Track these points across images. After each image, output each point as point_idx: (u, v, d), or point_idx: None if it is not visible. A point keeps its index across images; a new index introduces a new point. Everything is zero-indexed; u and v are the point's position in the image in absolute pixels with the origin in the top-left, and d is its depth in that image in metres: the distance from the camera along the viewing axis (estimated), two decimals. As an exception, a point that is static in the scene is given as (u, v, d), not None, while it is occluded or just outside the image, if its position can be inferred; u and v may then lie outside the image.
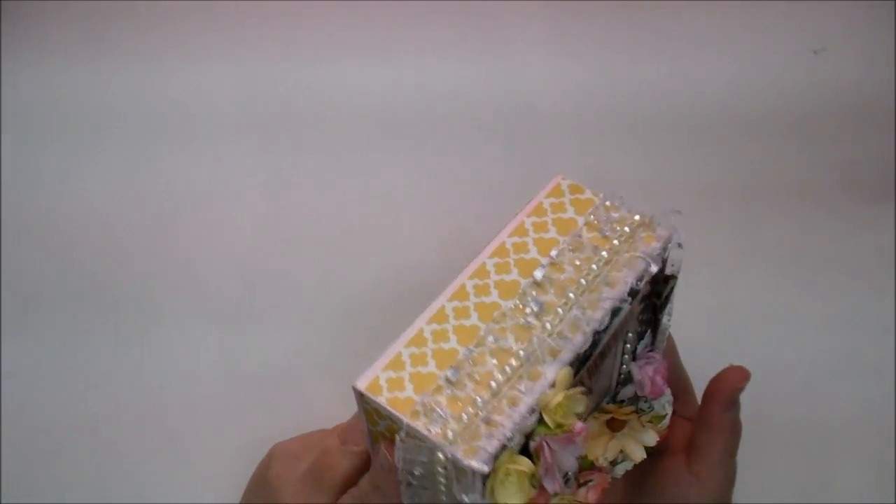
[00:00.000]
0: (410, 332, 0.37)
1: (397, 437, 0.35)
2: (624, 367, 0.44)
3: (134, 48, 0.71)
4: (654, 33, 0.69)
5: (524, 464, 0.35)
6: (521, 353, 0.36)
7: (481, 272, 0.39)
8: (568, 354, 0.36)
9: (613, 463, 0.45)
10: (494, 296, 0.39)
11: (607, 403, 0.44)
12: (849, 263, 0.60)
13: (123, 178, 0.67)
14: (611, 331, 0.39)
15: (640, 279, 0.39)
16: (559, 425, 0.36)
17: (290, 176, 0.64)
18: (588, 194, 0.43)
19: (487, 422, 0.34)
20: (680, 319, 0.59)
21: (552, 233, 0.41)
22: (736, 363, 0.58)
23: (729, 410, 0.46)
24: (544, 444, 0.36)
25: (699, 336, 0.59)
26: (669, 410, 0.46)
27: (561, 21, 0.70)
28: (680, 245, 0.42)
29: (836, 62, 0.67)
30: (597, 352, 0.39)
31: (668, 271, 0.43)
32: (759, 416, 0.57)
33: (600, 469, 0.44)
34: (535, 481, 0.36)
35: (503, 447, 0.34)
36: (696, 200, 0.63)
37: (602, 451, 0.44)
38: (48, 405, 0.60)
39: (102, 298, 0.63)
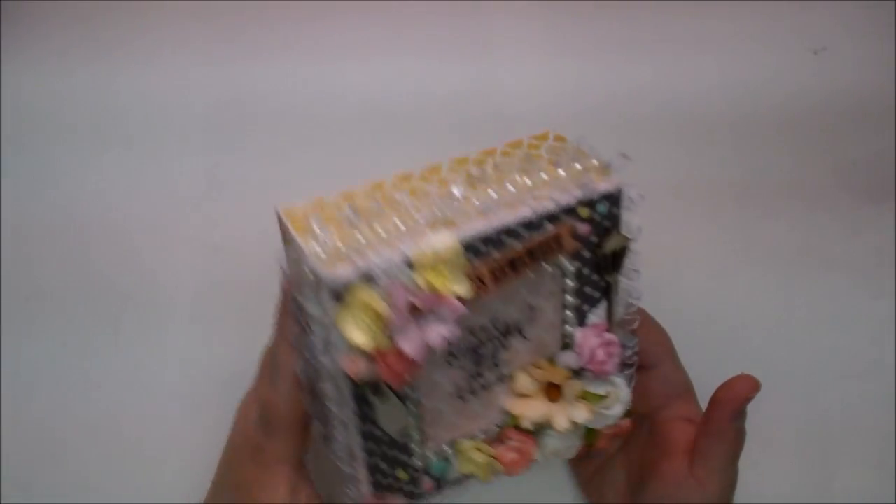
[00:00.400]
0: (347, 189, 0.40)
1: (286, 248, 0.39)
2: (567, 327, 0.44)
3: (135, 49, 0.71)
4: (652, 33, 0.69)
5: (378, 303, 0.35)
6: (421, 219, 0.38)
7: (435, 169, 0.42)
8: (463, 232, 0.38)
9: (539, 429, 0.45)
10: (433, 184, 0.41)
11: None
12: (849, 263, 0.60)
13: (123, 178, 0.67)
14: (522, 242, 0.40)
15: (567, 202, 0.40)
16: (435, 291, 0.37)
17: (288, 177, 0.64)
18: (568, 143, 0.44)
19: (360, 255, 0.36)
20: (680, 318, 0.59)
21: (515, 159, 0.42)
22: (735, 363, 0.58)
23: (736, 419, 0.46)
24: (398, 286, 0.36)
25: (699, 336, 0.59)
26: (618, 409, 0.46)
27: (558, 21, 0.70)
28: (633, 200, 0.43)
29: (836, 62, 0.67)
30: (501, 254, 0.39)
31: (622, 229, 0.43)
32: (760, 416, 0.57)
33: (527, 434, 0.44)
34: (389, 332, 0.36)
35: (363, 277, 0.36)
36: (694, 200, 0.63)
37: (528, 410, 0.44)
38: (49, 404, 0.60)
39: (101, 298, 0.63)
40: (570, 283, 0.43)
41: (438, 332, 0.38)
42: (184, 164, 0.67)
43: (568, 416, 0.44)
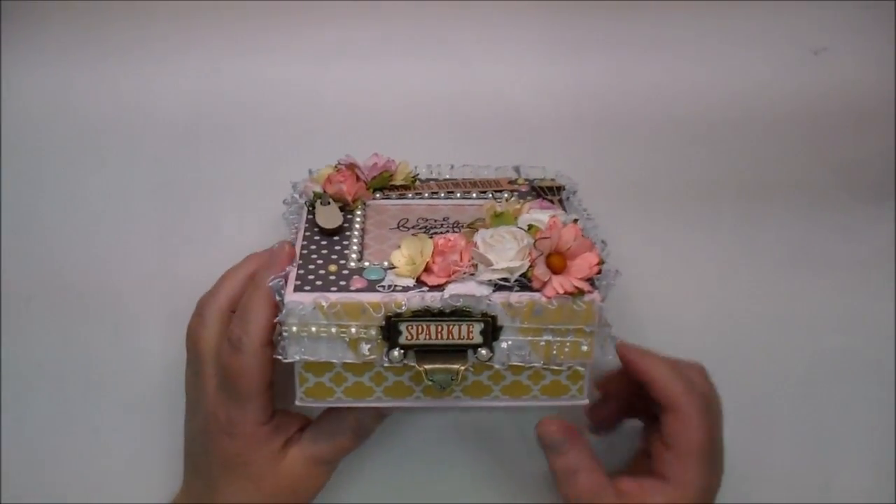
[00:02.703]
0: None
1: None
2: None
3: (135, 49, 0.71)
4: (653, 33, 0.69)
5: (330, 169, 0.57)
6: None
7: None
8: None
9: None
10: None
11: None
12: (849, 263, 0.60)
13: (123, 178, 0.67)
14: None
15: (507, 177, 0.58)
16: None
17: (288, 177, 0.64)
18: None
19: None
20: (680, 319, 0.59)
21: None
22: (736, 363, 0.58)
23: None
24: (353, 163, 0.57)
25: (699, 336, 0.59)
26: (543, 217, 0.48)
27: (557, 21, 0.70)
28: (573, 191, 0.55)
29: (836, 62, 0.67)
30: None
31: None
32: (760, 416, 0.57)
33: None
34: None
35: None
36: (696, 200, 0.63)
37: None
38: (48, 404, 0.60)
39: (101, 298, 0.63)
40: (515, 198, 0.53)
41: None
42: (184, 163, 0.67)
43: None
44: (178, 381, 0.54)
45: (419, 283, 0.45)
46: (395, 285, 0.45)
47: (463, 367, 0.44)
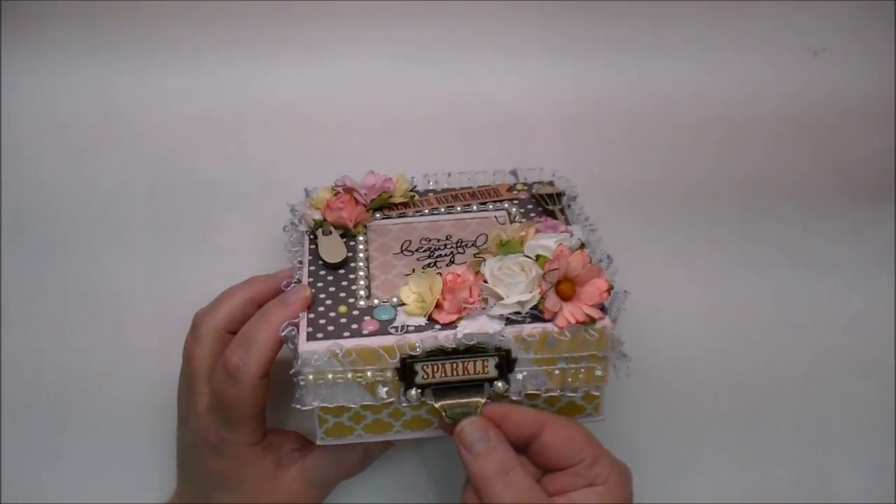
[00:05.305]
0: None
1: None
2: None
3: (135, 49, 0.71)
4: (652, 34, 0.69)
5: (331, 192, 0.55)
6: None
7: None
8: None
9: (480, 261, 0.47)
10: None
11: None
12: (849, 263, 0.61)
13: (122, 178, 0.67)
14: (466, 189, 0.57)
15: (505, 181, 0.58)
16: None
17: (289, 178, 0.64)
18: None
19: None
20: (680, 319, 0.59)
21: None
22: (736, 363, 0.58)
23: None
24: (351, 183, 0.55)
25: (699, 336, 0.59)
26: (550, 241, 0.47)
27: (556, 21, 0.70)
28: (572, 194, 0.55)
29: (836, 62, 0.67)
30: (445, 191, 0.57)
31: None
32: (760, 416, 0.57)
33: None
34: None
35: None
36: (696, 200, 0.63)
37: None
38: (49, 404, 0.60)
39: (101, 298, 0.63)
40: (516, 213, 0.54)
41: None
42: (184, 163, 0.67)
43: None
44: (176, 383, 0.55)
45: (430, 320, 0.46)
46: (408, 325, 0.45)
47: (481, 402, 0.45)
